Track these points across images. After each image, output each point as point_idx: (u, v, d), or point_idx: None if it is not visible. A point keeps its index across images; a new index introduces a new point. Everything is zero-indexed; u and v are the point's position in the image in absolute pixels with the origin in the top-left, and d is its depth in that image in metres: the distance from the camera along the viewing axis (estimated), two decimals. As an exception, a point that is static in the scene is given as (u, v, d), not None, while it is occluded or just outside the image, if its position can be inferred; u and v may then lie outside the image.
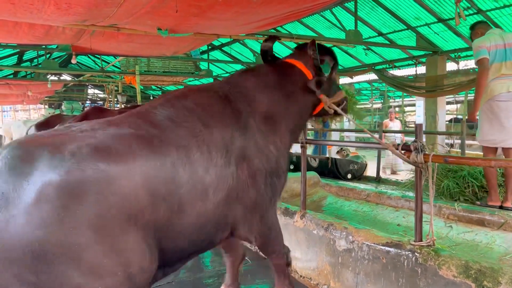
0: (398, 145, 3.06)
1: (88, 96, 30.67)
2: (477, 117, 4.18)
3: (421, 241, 2.96)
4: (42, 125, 4.91)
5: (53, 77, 17.44)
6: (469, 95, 17.91)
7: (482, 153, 4.37)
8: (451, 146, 9.44)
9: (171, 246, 1.88)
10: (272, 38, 2.84)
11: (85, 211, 1.51)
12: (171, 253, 1.92)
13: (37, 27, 5.62)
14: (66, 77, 21.75)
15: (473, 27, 4.66)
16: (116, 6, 4.10)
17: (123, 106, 14.19)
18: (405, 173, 9.78)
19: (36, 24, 5.44)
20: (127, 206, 1.62)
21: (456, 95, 19.05)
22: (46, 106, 26.91)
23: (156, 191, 1.74)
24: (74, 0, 3.82)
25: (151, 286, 1.87)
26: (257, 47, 14.18)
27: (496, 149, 4.15)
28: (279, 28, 10.91)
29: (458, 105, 22.14)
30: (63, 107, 24.80)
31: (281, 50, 14.26)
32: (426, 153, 2.87)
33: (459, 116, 20.12)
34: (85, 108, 28.54)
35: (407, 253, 2.95)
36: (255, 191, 2.26)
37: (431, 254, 2.81)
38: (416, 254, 2.89)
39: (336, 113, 2.93)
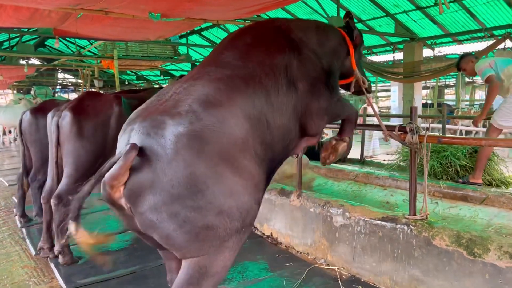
0: (394, 127, 3.26)
1: (59, 81, 29.83)
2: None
3: (415, 215, 3.21)
4: (38, 110, 4.87)
5: (22, 61, 16.89)
6: (440, 81, 18.60)
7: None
8: (427, 129, 9.84)
9: (267, 157, 2.26)
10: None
11: (212, 148, 1.92)
12: (268, 164, 2.30)
13: (23, 10, 5.52)
14: (34, 61, 21.08)
15: (464, 55, 5.24)
16: (112, -10, 4.12)
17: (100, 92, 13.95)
18: (382, 156, 10.20)
19: (22, 7, 5.35)
20: (238, 136, 2.04)
21: (427, 81, 19.71)
22: (15, 91, 26.02)
23: (250, 116, 2.16)
24: (71, -16, 3.82)
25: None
26: (237, 32, 14.17)
27: (501, 131, 4.65)
28: (261, 15, 10.95)
29: (428, 90, 22.89)
30: (32, 92, 24.04)
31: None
32: (421, 134, 3.10)
33: (429, 101, 20.86)
34: (55, 94, 27.78)
35: (402, 226, 3.19)
36: (311, 97, 2.57)
37: (425, 226, 3.06)
38: (411, 226, 3.13)
39: (358, 92, 3.21)
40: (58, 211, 3.72)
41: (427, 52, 11.75)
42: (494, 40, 9.46)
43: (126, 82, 26.96)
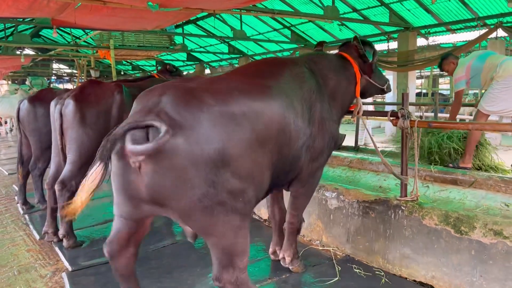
0: (386, 112, 3.41)
1: (53, 72, 29.69)
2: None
3: (406, 196, 3.36)
4: (36, 99, 4.95)
5: (18, 52, 16.84)
6: (434, 70, 18.73)
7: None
8: (421, 117, 9.99)
9: (276, 172, 2.47)
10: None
11: (244, 132, 2.14)
12: (274, 178, 2.49)
13: (22, 0, 5.57)
14: (29, 51, 20.98)
15: (446, 56, 5.38)
16: (112, -20, 4.18)
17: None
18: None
19: (22, -3, 5.40)
20: (266, 132, 2.28)
21: (422, 71, 19.84)
22: (9, 82, 25.89)
23: (281, 122, 2.42)
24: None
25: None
26: (233, 21, 14.23)
27: (488, 116, 4.83)
28: (257, 4, 11.00)
29: (423, 80, 23.03)
30: (28, 82, 23.92)
31: (258, 25, 14.39)
32: (412, 119, 3.24)
33: (424, 91, 21.03)
34: (51, 84, 27.64)
35: (394, 207, 3.34)
36: (320, 148, 2.85)
37: (415, 207, 3.22)
38: (402, 207, 3.29)
39: (382, 91, 3.48)
40: (62, 196, 3.84)
41: (421, 42, 11.86)
42: (487, 29, 9.59)
43: (122, 73, 26.92)
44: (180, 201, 2.03)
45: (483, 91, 4.94)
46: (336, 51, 3.48)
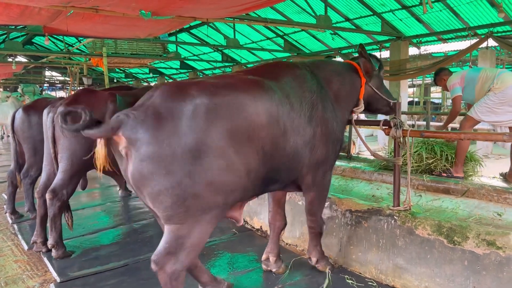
0: (379, 121, 3.40)
1: (46, 79, 29.53)
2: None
3: (399, 206, 3.34)
4: (30, 108, 4.94)
5: (9, 59, 16.73)
6: (426, 79, 18.90)
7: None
8: (413, 126, 10.05)
9: (269, 165, 2.50)
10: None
11: (224, 123, 2.18)
12: (269, 172, 2.52)
13: (13, 7, 5.53)
14: (21, 58, 20.86)
15: (438, 72, 5.41)
16: (105, -12, 4.17)
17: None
18: (367, 153, 10.38)
19: (12, 4, 5.37)
20: (251, 122, 2.31)
21: (414, 79, 20.01)
22: (1, 89, 25.68)
23: (272, 114, 2.46)
24: (65, -18, 3.87)
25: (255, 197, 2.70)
26: (226, 30, 14.27)
27: (477, 122, 4.85)
28: (251, 13, 11.05)
29: (415, 88, 23.21)
30: (19, 90, 23.74)
31: (251, 33, 14.44)
32: (405, 128, 3.24)
33: (416, 99, 21.20)
34: (43, 92, 27.46)
35: (386, 217, 3.32)
36: (325, 149, 2.90)
37: (408, 217, 3.20)
38: (395, 217, 3.27)
39: (389, 107, 3.51)
40: (53, 205, 3.79)
41: (412, 51, 11.97)
42: (478, 39, 9.69)
43: (115, 80, 26.83)
44: (154, 186, 2.11)
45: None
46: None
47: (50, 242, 3.94)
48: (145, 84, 24.80)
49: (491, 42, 9.70)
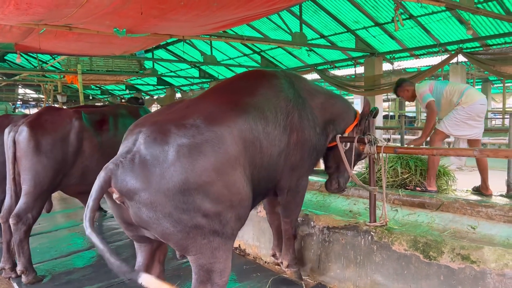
0: (353, 138, 3.43)
1: (19, 97, 28.91)
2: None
3: (375, 222, 3.36)
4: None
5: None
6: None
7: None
8: (388, 140, 10.21)
9: (255, 178, 2.59)
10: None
11: (208, 160, 2.23)
12: (255, 185, 2.59)
13: (-17, 25, 5.41)
14: (-7, 76, 20.39)
15: (400, 84, 5.27)
16: (77, 6, 4.10)
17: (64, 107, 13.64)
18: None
19: (-19, 22, 5.24)
20: (232, 153, 2.37)
21: (390, 94, 20.45)
22: (-29, 107, 25.00)
23: (246, 139, 2.52)
24: (35, 1, 3.79)
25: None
26: (203, 46, 14.31)
27: (446, 136, 4.88)
28: (227, 30, 11.12)
29: (390, 103, 23.70)
30: (-9, 107, 23.14)
31: (228, 50, 14.50)
32: (379, 145, 3.28)
33: (391, 113, 21.63)
34: (16, 110, 26.82)
35: (363, 233, 3.33)
36: (299, 155, 2.99)
37: (384, 233, 3.21)
38: (371, 233, 3.28)
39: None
40: (18, 230, 3.64)
41: (386, 66, 12.24)
42: (448, 55, 10.00)
43: (91, 97, 26.47)
44: (157, 228, 2.18)
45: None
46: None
47: (19, 268, 3.77)
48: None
49: (461, 58, 10.03)
